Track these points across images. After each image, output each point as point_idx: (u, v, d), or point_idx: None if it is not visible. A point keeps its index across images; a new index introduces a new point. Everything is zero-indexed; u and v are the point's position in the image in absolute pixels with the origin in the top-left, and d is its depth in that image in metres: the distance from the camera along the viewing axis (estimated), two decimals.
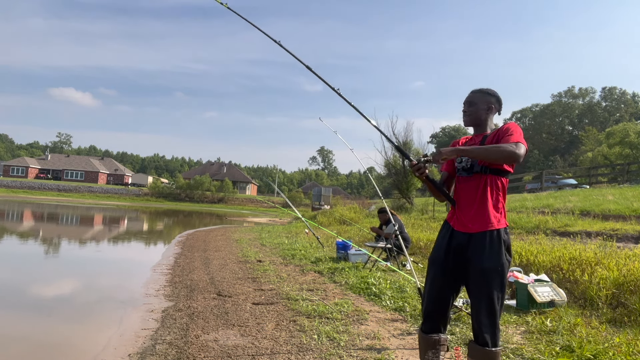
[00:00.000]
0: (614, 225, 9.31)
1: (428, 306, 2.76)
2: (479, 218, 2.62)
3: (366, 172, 8.73)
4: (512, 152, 2.45)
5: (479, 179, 2.66)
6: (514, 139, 2.53)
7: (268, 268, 8.34)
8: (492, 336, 2.51)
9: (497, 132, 2.70)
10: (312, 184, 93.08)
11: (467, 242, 2.63)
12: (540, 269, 6.29)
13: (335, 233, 13.31)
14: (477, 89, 2.87)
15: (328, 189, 44.15)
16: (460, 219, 2.71)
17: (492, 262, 2.54)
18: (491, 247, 2.56)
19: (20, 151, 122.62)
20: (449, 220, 2.81)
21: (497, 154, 2.49)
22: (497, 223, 2.61)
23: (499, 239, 2.58)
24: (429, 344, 2.72)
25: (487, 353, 2.50)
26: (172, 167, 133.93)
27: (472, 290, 2.60)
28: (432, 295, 2.74)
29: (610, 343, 3.77)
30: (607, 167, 30.18)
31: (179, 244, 12.85)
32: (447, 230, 2.77)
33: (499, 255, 2.56)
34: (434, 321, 2.73)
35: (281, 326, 4.62)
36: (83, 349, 4.23)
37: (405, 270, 7.63)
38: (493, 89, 2.87)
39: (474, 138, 2.82)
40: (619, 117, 67.15)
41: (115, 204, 48.46)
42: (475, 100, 2.82)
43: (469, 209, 2.67)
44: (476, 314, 2.56)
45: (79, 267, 9.36)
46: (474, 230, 2.62)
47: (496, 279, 2.53)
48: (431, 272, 2.77)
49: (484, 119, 2.81)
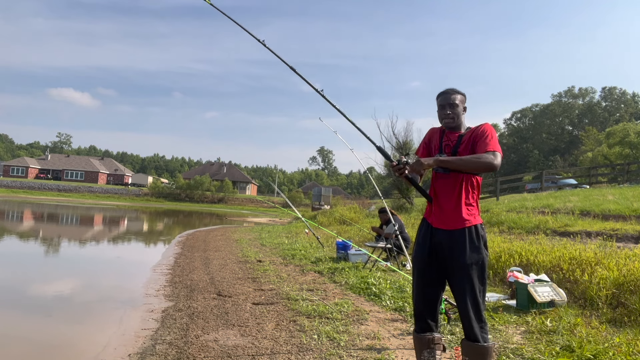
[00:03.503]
0: (614, 225, 9.32)
1: (417, 306, 2.83)
2: (458, 215, 2.70)
3: (366, 172, 8.74)
4: (490, 164, 2.57)
5: (456, 178, 2.72)
6: (491, 147, 2.63)
7: (268, 268, 8.34)
8: (481, 330, 2.61)
9: (473, 133, 2.76)
10: (312, 184, 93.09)
11: (447, 239, 2.70)
12: (540, 269, 6.29)
13: (335, 233, 13.31)
14: (452, 89, 2.88)
15: (328, 189, 44.17)
16: (438, 216, 2.77)
17: (474, 257, 2.64)
18: (471, 243, 2.66)
19: (20, 151, 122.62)
20: (427, 217, 2.87)
21: (475, 165, 2.61)
22: (474, 219, 2.71)
23: (477, 235, 2.69)
24: (423, 344, 2.78)
25: (480, 349, 2.60)
26: (172, 167, 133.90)
27: (456, 286, 2.68)
28: (419, 294, 2.82)
29: (610, 343, 3.77)
30: (607, 167, 30.16)
31: (179, 244, 12.85)
32: (427, 228, 2.83)
33: (479, 250, 2.66)
34: (425, 320, 2.79)
35: (281, 326, 4.62)
36: (83, 349, 4.24)
37: (405, 270, 7.63)
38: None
39: (449, 135, 2.85)
40: (619, 117, 67.13)
41: (115, 204, 48.45)
42: (457, 102, 2.84)
43: (447, 206, 2.74)
44: (463, 309, 2.64)
45: (79, 267, 9.36)
46: (454, 227, 2.70)
47: (477, 272, 2.64)
48: (416, 272, 2.84)
49: (461, 120, 2.87)
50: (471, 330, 2.61)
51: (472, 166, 2.62)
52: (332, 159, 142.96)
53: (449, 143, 2.81)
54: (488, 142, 2.65)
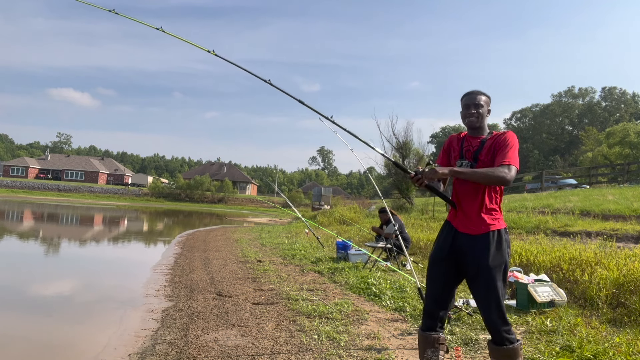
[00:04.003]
0: (614, 225, 9.31)
1: (429, 305, 2.82)
2: (481, 220, 2.71)
3: (366, 172, 8.72)
4: (502, 179, 2.56)
5: (479, 184, 2.71)
6: (507, 160, 2.60)
7: (268, 268, 8.34)
8: (507, 332, 2.62)
9: (495, 140, 2.74)
10: (312, 184, 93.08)
11: (470, 244, 2.71)
12: (540, 269, 6.29)
13: (335, 233, 13.31)
14: (477, 90, 2.87)
15: (328, 189, 44.13)
16: (463, 221, 2.77)
17: (497, 260, 2.65)
18: (495, 246, 2.67)
19: (20, 151, 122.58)
20: (451, 221, 2.86)
21: (487, 179, 2.60)
22: (498, 224, 2.72)
23: (501, 238, 2.70)
24: (427, 342, 2.77)
25: (507, 351, 2.62)
26: (172, 167, 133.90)
27: (480, 290, 2.67)
28: (432, 294, 2.81)
29: (610, 343, 3.77)
30: (607, 167, 30.18)
31: (179, 244, 12.85)
32: (450, 230, 2.82)
33: (502, 253, 2.68)
34: (434, 319, 2.79)
35: (281, 326, 4.62)
36: (83, 349, 4.24)
37: (405, 270, 7.63)
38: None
39: (470, 140, 2.85)
40: (619, 117, 67.15)
41: (115, 204, 48.45)
42: (482, 102, 2.83)
43: (471, 211, 2.74)
44: (488, 313, 2.64)
45: (79, 267, 9.36)
46: (478, 232, 2.71)
47: (500, 275, 2.66)
48: (433, 272, 2.83)
49: (485, 122, 2.86)
50: (497, 334, 2.63)
51: (483, 180, 2.62)
52: (332, 159, 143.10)
53: (470, 148, 2.81)
54: (506, 153, 2.63)
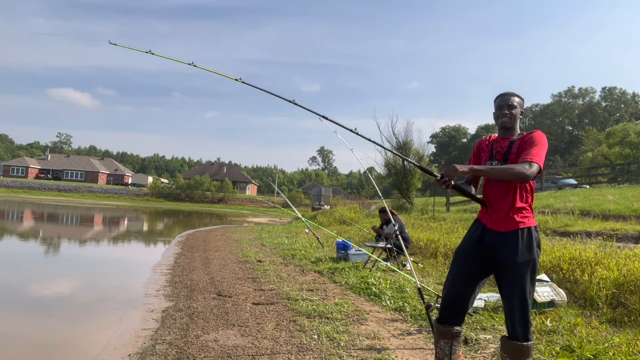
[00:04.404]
0: (614, 225, 9.32)
1: (447, 297, 2.89)
2: (511, 218, 2.76)
3: (366, 172, 8.71)
4: (521, 174, 2.60)
5: (509, 183, 2.77)
6: (530, 157, 2.65)
7: (268, 268, 8.34)
8: (524, 330, 2.65)
9: (522, 139, 2.81)
10: (312, 184, 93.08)
11: (500, 240, 2.76)
12: (540, 269, 6.29)
13: (335, 233, 13.31)
14: (511, 92, 2.95)
15: (328, 189, 44.13)
16: (493, 219, 2.83)
17: (525, 256, 2.68)
18: (524, 244, 2.70)
19: (20, 151, 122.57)
20: (480, 218, 2.93)
21: (505, 175, 2.66)
22: (528, 222, 2.76)
23: (530, 236, 2.73)
24: (442, 334, 2.87)
25: (519, 347, 2.64)
26: (172, 167, 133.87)
27: (506, 286, 2.71)
28: (453, 287, 2.87)
29: (610, 343, 3.77)
30: (607, 167, 30.16)
31: (179, 244, 12.85)
32: (479, 227, 2.89)
33: (531, 251, 2.70)
34: (451, 313, 2.86)
35: (281, 326, 4.62)
36: (83, 349, 4.24)
37: (405, 270, 7.63)
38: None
39: (500, 141, 2.92)
40: (619, 117, 67.15)
41: (115, 204, 48.44)
42: (515, 104, 2.90)
43: (502, 210, 2.79)
44: (510, 309, 2.68)
45: (79, 267, 9.36)
46: (507, 229, 2.75)
47: (528, 272, 2.68)
48: (456, 266, 2.90)
49: (516, 124, 2.92)
50: (514, 329, 2.66)
51: (503, 176, 2.68)
52: (332, 159, 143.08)
53: (500, 149, 2.87)
54: (530, 150, 2.69)
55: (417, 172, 21.33)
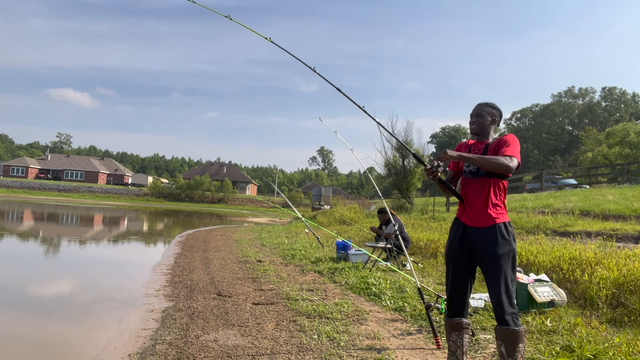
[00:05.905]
0: (614, 225, 9.31)
1: (450, 295, 3.18)
2: (487, 215, 3.03)
3: (366, 172, 8.72)
4: (506, 165, 2.90)
5: (485, 182, 3.07)
6: (509, 152, 2.98)
7: (268, 268, 8.35)
8: (513, 316, 2.86)
9: (498, 142, 3.13)
10: (312, 184, 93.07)
11: (479, 236, 3.02)
12: (540, 269, 6.30)
13: (335, 233, 13.31)
14: (483, 103, 3.30)
15: (328, 189, 44.12)
16: (470, 216, 3.10)
17: (505, 248, 2.95)
18: (502, 236, 2.97)
19: (20, 151, 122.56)
20: (459, 217, 3.21)
21: (492, 165, 2.93)
22: (502, 217, 3.04)
23: (507, 229, 3.00)
24: (452, 326, 3.15)
25: (511, 332, 2.84)
26: (172, 167, 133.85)
27: (490, 276, 2.96)
28: (453, 284, 3.16)
29: (610, 343, 3.77)
30: (607, 167, 30.17)
31: (179, 244, 12.86)
32: (459, 226, 3.17)
33: (509, 242, 2.97)
34: (456, 306, 3.16)
35: (281, 326, 4.62)
36: (83, 349, 4.24)
37: (405, 270, 7.63)
38: (496, 104, 3.30)
39: (477, 144, 3.25)
40: (619, 117, 67.13)
41: (115, 204, 48.45)
42: (483, 112, 3.25)
43: (478, 207, 3.07)
44: (496, 296, 2.90)
45: (79, 267, 9.36)
46: (484, 225, 3.02)
47: (509, 262, 2.94)
48: (450, 265, 3.18)
49: (488, 130, 3.25)
50: (503, 315, 2.86)
51: (489, 165, 2.93)
52: (332, 159, 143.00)
53: (477, 151, 3.18)
54: (506, 149, 3.00)
55: (417, 172, 21.34)
